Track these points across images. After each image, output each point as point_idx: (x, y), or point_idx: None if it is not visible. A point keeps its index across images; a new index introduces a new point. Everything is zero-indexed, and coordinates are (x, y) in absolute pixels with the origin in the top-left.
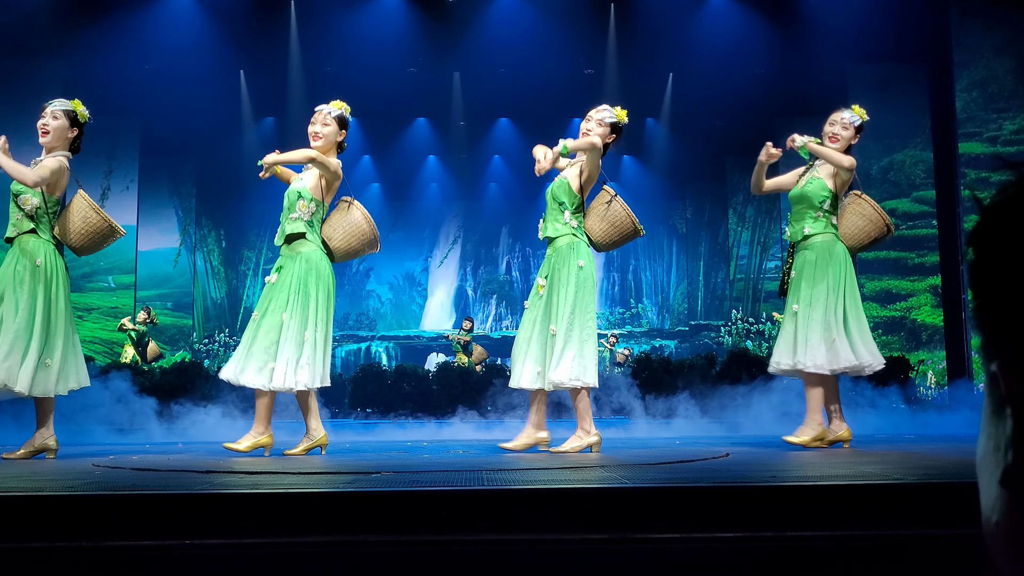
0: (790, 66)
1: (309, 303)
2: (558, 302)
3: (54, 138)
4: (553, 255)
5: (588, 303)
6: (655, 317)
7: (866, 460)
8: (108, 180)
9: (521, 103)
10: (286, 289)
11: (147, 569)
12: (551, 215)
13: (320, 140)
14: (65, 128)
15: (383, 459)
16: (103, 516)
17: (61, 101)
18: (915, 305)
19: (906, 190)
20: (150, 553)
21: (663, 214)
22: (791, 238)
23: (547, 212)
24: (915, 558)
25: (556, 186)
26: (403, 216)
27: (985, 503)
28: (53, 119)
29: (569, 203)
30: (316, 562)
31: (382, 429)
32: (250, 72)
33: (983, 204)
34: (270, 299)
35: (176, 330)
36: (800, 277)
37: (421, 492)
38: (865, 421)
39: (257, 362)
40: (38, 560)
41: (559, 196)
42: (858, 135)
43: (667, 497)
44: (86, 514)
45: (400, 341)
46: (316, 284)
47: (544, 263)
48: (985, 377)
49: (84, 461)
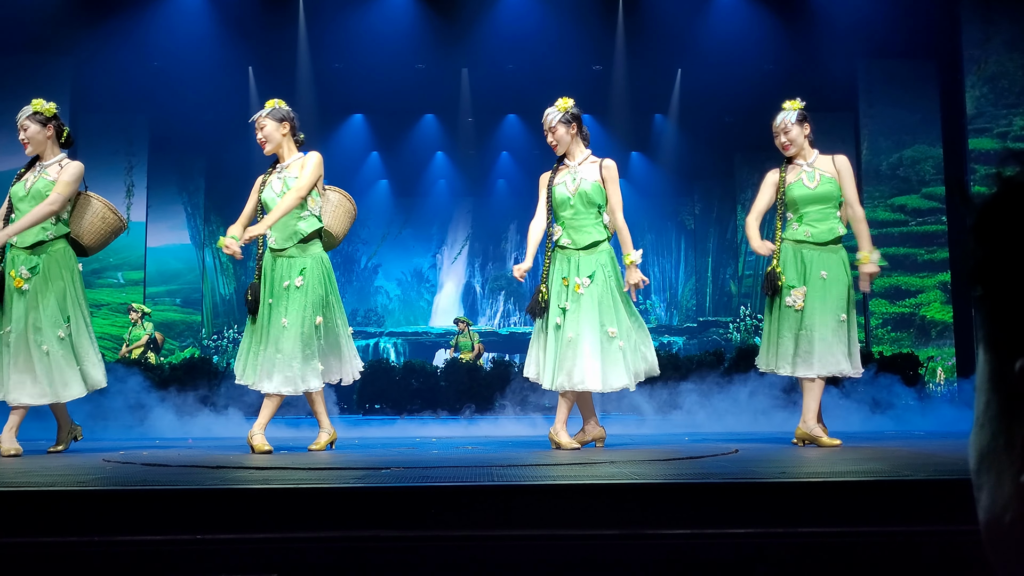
0: (799, 62)
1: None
2: (609, 303)
3: (36, 146)
4: (593, 256)
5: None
6: (663, 314)
7: (876, 456)
8: (131, 176)
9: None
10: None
11: (159, 563)
12: (582, 222)
13: (269, 145)
14: (39, 131)
15: (393, 455)
16: (114, 511)
17: (25, 109)
18: (924, 301)
19: (916, 186)
20: (162, 548)
21: (671, 210)
22: (814, 239)
23: (573, 217)
24: (925, 555)
25: (593, 190)
26: (411, 212)
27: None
28: (24, 131)
29: (602, 205)
30: (327, 557)
31: (391, 425)
32: (258, 69)
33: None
34: (303, 305)
35: (185, 326)
36: (837, 281)
37: (431, 488)
38: (874, 418)
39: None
40: (50, 555)
41: (596, 199)
42: (806, 123)
43: (677, 493)
44: (98, 509)
45: (408, 337)
46: (332, 282)
47: (576, 262)
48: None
49: (95, 456)
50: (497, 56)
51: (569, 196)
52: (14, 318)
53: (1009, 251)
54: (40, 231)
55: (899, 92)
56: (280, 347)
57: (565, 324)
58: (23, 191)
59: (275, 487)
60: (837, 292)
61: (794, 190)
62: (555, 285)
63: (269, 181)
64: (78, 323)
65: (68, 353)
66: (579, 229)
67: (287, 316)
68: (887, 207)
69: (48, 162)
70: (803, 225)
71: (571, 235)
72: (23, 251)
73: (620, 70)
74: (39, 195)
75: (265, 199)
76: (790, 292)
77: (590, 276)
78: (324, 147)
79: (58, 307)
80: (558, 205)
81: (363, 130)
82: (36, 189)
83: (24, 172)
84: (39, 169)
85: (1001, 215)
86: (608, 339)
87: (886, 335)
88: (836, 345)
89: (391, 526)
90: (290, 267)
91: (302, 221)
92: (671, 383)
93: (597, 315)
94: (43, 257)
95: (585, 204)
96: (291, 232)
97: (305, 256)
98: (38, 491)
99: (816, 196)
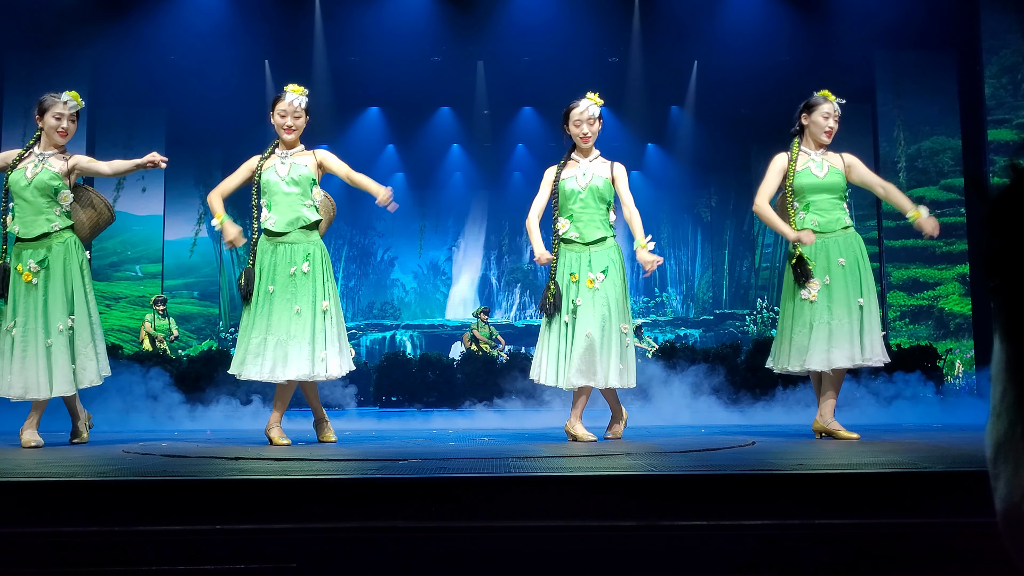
0: (816, 53)
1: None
2: (620, 300)
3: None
4: (604, 251)
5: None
6: (680, 306)
7: (894, 449)
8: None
9: (545, 92)
10: (320, 278)
11: (179, 553)
12: (593, 214)
13: (296, 133)
14: (74, 127)
15: (410, 447)
16: (135, 501)
17: (69, 102)
18: (943, 294)
19: (934, 177)
20: (181, 538)
21: (688, 202)
22: (822, 228)
23: (582, 210)
24: (943, 546)
25: (604, 186)
26: (427, 205)
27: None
28: (71, 123)
29: (610, 202)
30: (345, 547)
31: (407, 417)
32: (275, 62)
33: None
34: (313, 291)
35: (203, 319)
36: (855, 266)
37: (449, 479)
38: (893, 410)
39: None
40: (71, 545)
41: (606, 196)
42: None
43: (694, 485)
44: (118, 499)
45: (424, 330)
46: (331, 271)
47: (586, 258)
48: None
49: (114, 448)
50: (513, 48)
51: (579, 190)
52: (22, 312)
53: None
54: (46, 223)
55: (917, 83)
56: (292, 333)
57: (579, 321)
58: (24, 180)
59: (293, 478)
60: (854, 277)
61: (802, 178)
62: (564, 281)
63: (272, 165)
64: (82, 317)
65: (67, 348)
66: (587, 223)
67: (298, 303)
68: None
69: (49, 152)
70: (810, 214)
71: (578, 228)
72: (29, 243)
73: (636, 62)
74: (45, 187)
75: (269, 180)
76: (805, 285)
77: (603, 271)
78: (341, 140)
79: (64, 301)
80: (567, 198)
81: (379, 123)
82: (41, 181)
83: (19, 161)
84: (39, 159)
85: (1015, 206)
86: (620, 335)
87: (904, 327)
88: (855, 334)
89: (408, 517)
90: (294, 253)
91: (306, 209)
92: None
93: (612, 312)
94: (52, 249)
95: (595, 199)
96: (296, 216)
97: (308, 242)
98: (59, 482)
99: (824, 185)
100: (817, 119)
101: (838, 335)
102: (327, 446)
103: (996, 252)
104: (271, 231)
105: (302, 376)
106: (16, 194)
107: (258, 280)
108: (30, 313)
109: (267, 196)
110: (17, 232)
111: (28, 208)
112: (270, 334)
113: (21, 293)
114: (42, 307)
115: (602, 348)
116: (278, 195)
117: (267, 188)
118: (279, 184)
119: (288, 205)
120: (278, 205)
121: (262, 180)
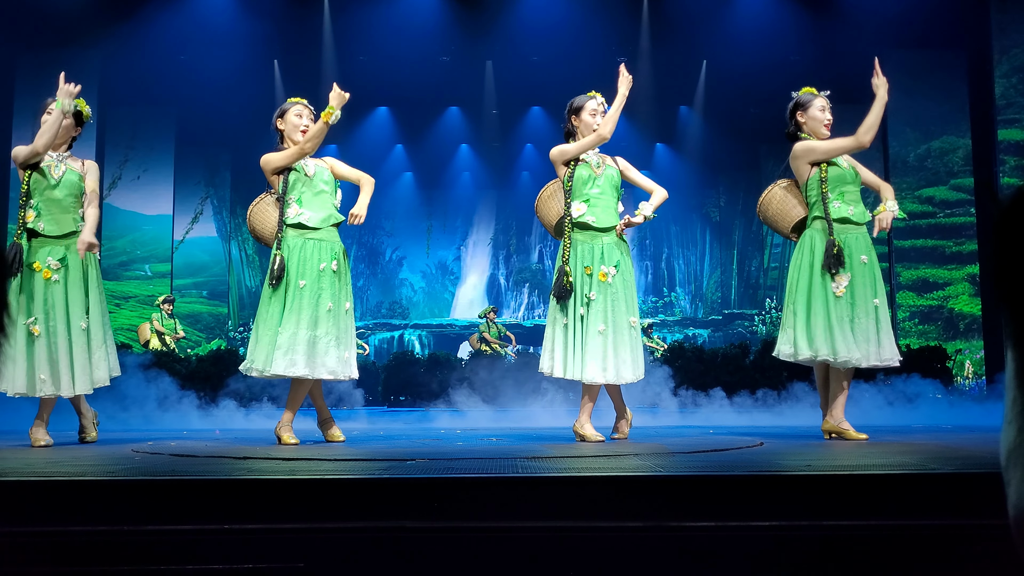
0: (825, 52)
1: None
2: (630, 293)
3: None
4: (614, 244)
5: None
6: (688, 306)
7: (902, 450)
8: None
9: (554, 91)
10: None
11: (187, 552)
12: (607, 203)
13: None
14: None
15: (417, 446)
16: (144, 501)
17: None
18: (953, 294)
19: (944, 177)
20: (190, 537)
21: (696, 202)
22: (856, 219)
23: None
24: (951, 548)
25: (617, 176)
26: (436, 205)
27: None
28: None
29: (621, 193)
30: (353, 547)
31: (415, 417)
32: (284, 62)
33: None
34: (340, 289)
35: (212, 319)
36: (873, 265)
37: (457, 479)
38: (901, 411)
39: (350, 352)
40: (81, 543)
41: (619, 186)
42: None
43: (702, 486)
44: (127, 499)
45: (433, 329)
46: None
47: (599, 250)
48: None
49: (123, 447)
50: (522, 48)
51: (597, 176)
52: (42, 309)
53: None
54: (72, 222)
55: (926, 82)
56: (325, 331)
57: (591, 315)
58: (53, 180)
59: (302, 478)
60: (873, 276)
61: (834, 168)
62: (577, 273)
63: (302, 164)
64: (96, 316)
65: (86, 346)
66: (604, 208)
67: (331, 300)
68: (915, 199)
69: (64, 153)
70: (844, 203)
71: (595, 212)
72: (53, 240)
73: (645, 62)
74: (74, 186)
75: (303, 176)
76: (834, 278)
77: (616, 265)
78: (349, 140)
79: (82, 299)
80: (583, 183)
81: (388, 123)
82: (69, 180)
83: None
84: (58, 158)
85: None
86: (630, 328)
87: (913, 328)
88: (871, 333)
89: (416, 517)
90: (322, 250)
91: (334, 208)
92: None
93: (624, 306)
94: (70, 248)
95: (611, 186)
96: (329, 214)
97: (334, 241)
98: (69, 481)
99: (851, 176)
100: (814, 113)
101: (859, 333)
102: (335, 446)
103: (1004, 262)
104: (305, 225)
105: (332, 375)
106: (42, 192)
107: (287, 273)
108: (51, 310)
109: (296, 191)
110: (42, 229)
111: (55, 207)
112: (301, 328)
113: (39, 290)
114: (63, 305)
115: (616, 344)
116: (309, 192)
117: (299, 183)
118: (315, 182)
119: (321, 203)
120: (310, 202)
121: (292, 175)
